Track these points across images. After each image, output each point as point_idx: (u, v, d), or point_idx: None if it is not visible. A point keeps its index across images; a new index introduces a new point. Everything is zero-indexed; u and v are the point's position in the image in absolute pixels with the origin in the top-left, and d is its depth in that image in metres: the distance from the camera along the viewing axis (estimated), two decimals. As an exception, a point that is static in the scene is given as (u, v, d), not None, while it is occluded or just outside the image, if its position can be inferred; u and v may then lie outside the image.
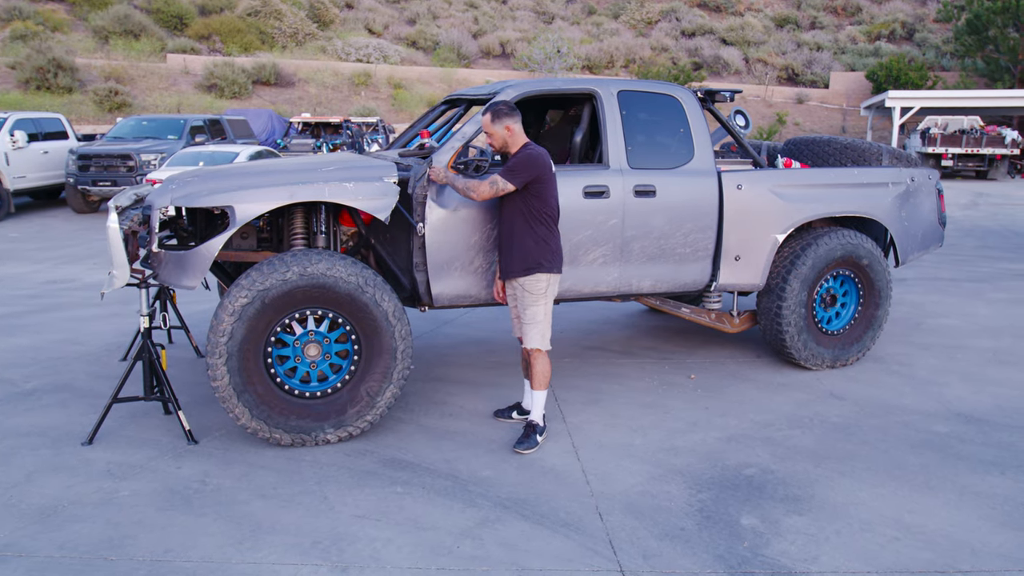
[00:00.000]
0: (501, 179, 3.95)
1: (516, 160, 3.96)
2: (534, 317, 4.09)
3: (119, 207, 4.19)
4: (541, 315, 4.10)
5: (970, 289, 8.22)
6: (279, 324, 4.01)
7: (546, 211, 4.01)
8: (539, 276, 4.04)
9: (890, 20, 41.12)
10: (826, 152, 6.06)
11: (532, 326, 4.11)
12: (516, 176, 3.94)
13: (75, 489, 3.64)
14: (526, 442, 4.12)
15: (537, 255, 4.01)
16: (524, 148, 4.01)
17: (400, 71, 33.07)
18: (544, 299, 4.08)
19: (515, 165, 3.95)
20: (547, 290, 4.08)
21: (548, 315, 4.13)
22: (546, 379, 4.19)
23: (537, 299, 4.07)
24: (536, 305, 4.08)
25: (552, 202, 4.04)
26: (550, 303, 4.13)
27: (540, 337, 4.12)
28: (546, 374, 4.18)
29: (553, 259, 4.06)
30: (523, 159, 3.95)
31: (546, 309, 4.11)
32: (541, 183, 3.97)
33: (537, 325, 4.10)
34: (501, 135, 4.02)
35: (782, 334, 5.27)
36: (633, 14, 42.22)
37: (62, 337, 6.23)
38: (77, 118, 23.96)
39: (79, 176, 13.99)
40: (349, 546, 3.17)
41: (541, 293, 4.06)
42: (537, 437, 4.16)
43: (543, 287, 4.06)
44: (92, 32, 30.99)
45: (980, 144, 23.80)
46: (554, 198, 4.05)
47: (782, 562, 3.08)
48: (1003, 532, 3.30)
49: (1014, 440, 4.26)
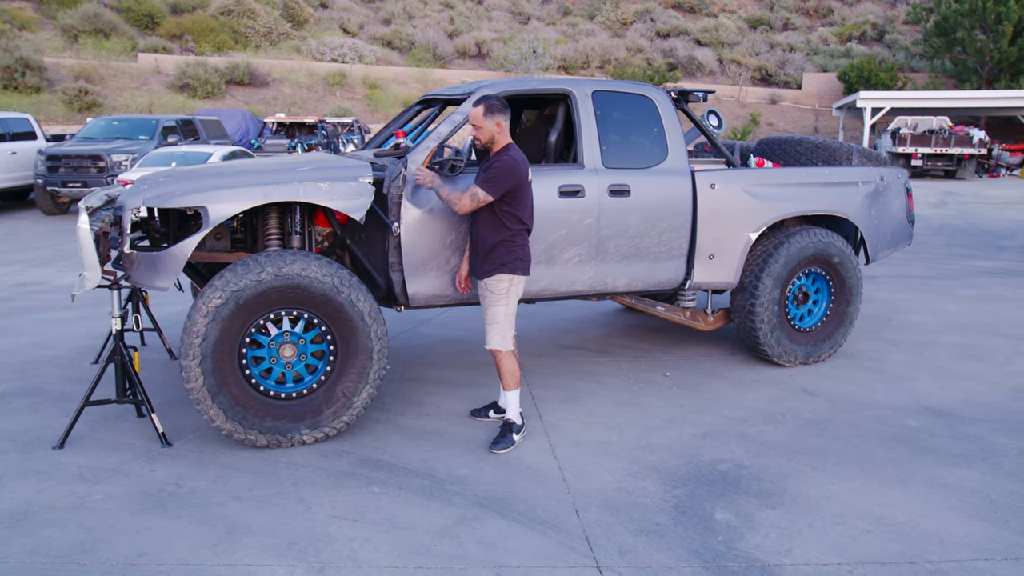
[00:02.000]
0: (481, 191, 3.91)
1: (496, 170, 3.92)
2: (494, 317, 4.08)
3: (90, 208, 4.14)
4: (501, 316, 4.08)
5: (939, 286, 8.37)
6: (254, 325, 3.99)
7: (518, 215, 4.01)
8: (501, 276, 4.03)
9: (861, 22, 41.71)
10: (798, 152, 6.14)
11: (492, 326, 4.10)
12: (495, 186, 3.91)
13: (46, 494, 3.59)
14: (502, 442, 4.13)
15: (503, 255, 4.01)
16: (506, 150, 3.98)
17: (375, 71, 32.93)
18: (505, 299, 4.06)
19: (495, 176, 3.91)
20: (509, 291, 4.06)
21: (509, 316, 4.11)
22: (514, 378, 4.18)
23: (498, 299, 4.06)
24: (497, 305, 4.07)
25: (526, 208, 4.03)
26: (512, 304, 4.11)
27: (500, 338, 4.11)
28: (513, 373, 4.18)
29: (517, 261, 4.04)
30: (503, 169, 3.92)
31: (507, 310, 4.08)
32: (517, 191, 3.97)
33: (497, 325, 4.09)
34: (490, 130, 3.98)
35: (755, 331, 5.33)
36: (608, 15, 42.42)
37: (32, 340, 6.14)
38: (46, 118, 23.57)
39: (48, 177, 13.77)
40: (326, 547, 3.16)
41: (503, 293, 4.05)
42: (514, 436, 4.16)
43: (505, 287, 4.04)
44: (61, 31, 30.50)
45: (949, 144, 24.23)
46: (528, 204, 4.05)
47: (756, 555, 3.12)
48: (970, 523, 3.37)
49: (981, 433, 4.36)
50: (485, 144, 4.05)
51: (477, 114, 4.00)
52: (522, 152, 4.05)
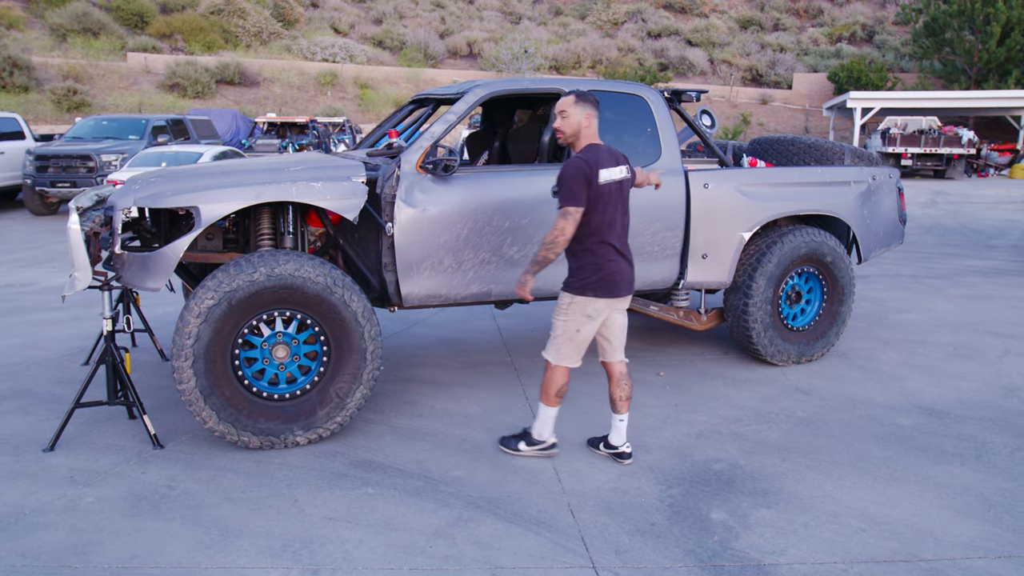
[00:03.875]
0: (559, 212, 3.57)
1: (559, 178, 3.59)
2: (553, 329, 3.82)
3: (80, 208, 4.11)
4: (560, 330, 3.78)
5: (930, 285, 8.41)
6: (246, 326, 3.96)
7: (586, 221, 3.61)
8: (563, 294, 3.77)
9: (851, 22, 41.92)
10: (790, 151, 6.16)
11: (551, 338, 3.84)
12: (569, 195, 3.54)
13: (37, 496, 3.55)
14: (511, 442, 4.05)
15: (571, 271, 3.74)
16: (587, 150, 3.63)
17: (366, 71, 32.86)
18: (565, 315, 3.74)
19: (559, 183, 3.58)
20: (570, 308, 3.73)
21: (568, 333, 3.75)
22: (548, 393, 3.87)
23: (559, 312, 3.79)
24: (556, 318, 3.79)
25: (598, 214, 3.61)
26: (573, 322, 3.73)
27: (554, 350, 3.82)
28: (554, 390, 3.86)
29: (586, 281, 3.67)
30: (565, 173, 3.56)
31: (566, 327, 3.75)
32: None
33: (554, 339, 3.81)
34: (578, 121, 3.63)
35: (749, 331, 5.34)
36: (599, 15, 42.48)
37: (21, 342, 6.09)
38: (34, 118, 23.42)
39: (37, 177, 13.67)
40: (320, 548, 3.14)
41: (563, 308, 3.76)
42: (520, 445, 4.01)
43: (566, 303, 3.75)
44: (49, 30, 30.29)
45: (938, 144, 24.38)
46: (602, 211, 3.62)
47: (751, 555, 3.12)
48: (963, 521, 3.38)
49: (973, 432, 4.38)
50: (568, 139, 3.70)
51: (568, 102, 3.64)
52: (605, 152, 3.67)
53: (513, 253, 4.58)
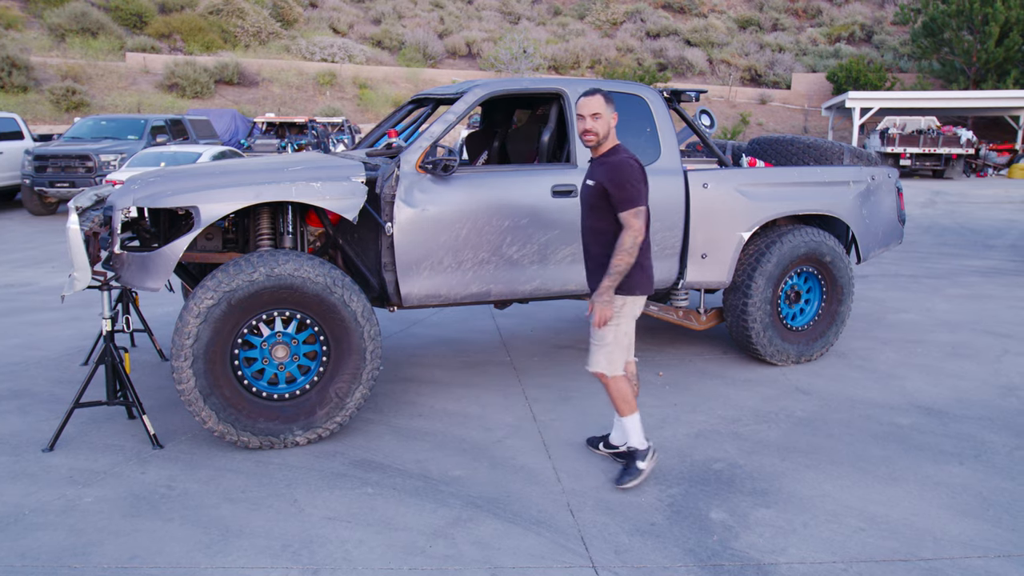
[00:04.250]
0: (631, 209, 3.46)
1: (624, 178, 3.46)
2: (601, 338, 3.63)
3: (80, 208, 4.11)
4: (610, 337, 3.62)
5: (929, 285, 8.42)
6: (246, 326, 3.96)
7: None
8: (615, 297, 3.60)
9: (849, 22, 41.95)
10: (789, 151, 6.16)
11: (598, 348, 3.65)
12: (640, 195, 3.48)
13: (36, 496, 3.55)
14: (627, 475, 3.69)
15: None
16: (618, 151, 3.57)
17: (365, 71, 32.85)
18: (616, 320, 3.61)
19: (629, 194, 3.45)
20: (622, 310, 3.62)
21: (619, 338, 3.65)
22: (626, 403, 3.70)
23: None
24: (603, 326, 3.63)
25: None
26: (624, 324, 3.65)
27: (606, 361, 3.65)
28: (626, 398, 3.70)
29: (636, 279, 3.59)
30: (630, 174, 3.47)
31: (617, 332, 3.63)
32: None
33: (604, 347, 3.64)
34: (609, 122, 3.53)
35: (748, 330, 5.35)
36: (598, 15, 42.48)
37: (20, 342, 6.08)
38: (33, 118, 23.40)
39: (36, 177, 13.66)
40: (320, 548, 3.14)
41: (614, 313, 3.63)
42: (638, 464, 3.71)
43: (617, 307, 3.61)
44: (48, 30, 30.27)
45: (937, 144, 24.40)
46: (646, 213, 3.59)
47: (751, 554, 3.12)
48: (963, 520, 3.38)
49: (972, 431, 4.38)
50: (599, 140, 3.56)
51: (599, 103, 3.50)
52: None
53: (512, 253, 4.58)
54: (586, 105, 3.54)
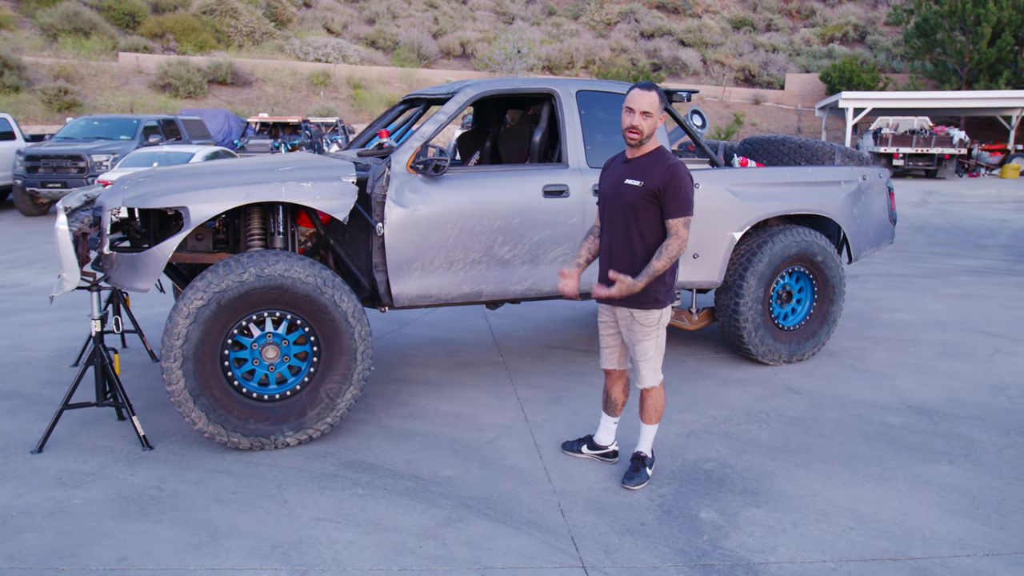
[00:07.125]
0: (682, 218, 3.41)
1: (678, 182, 3.37)
2: (645, 353, 3.60)
3: (68, 208, 4.09)
4: (652, 350, 3.61)
5: (920, 285, 8.44)
6: (236, 326, 3.95)
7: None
8: (650, 312, 3.55)
9: (843, 23, 42.08)
10: (781, 151, 6.17)
11: (644, 363, 3.62)
12: (692, 208, 3.43)
13: (24, 498, 3.53)
14: (636, 477, 3.69)
15: (656, 285, 3.49)
16: (669, 156, 3.48)
17: (359, 71, 32.82)
18: (656, 331, 3.59)
19: (684, 203, 3.39)
20: (660, 320, 3.59)
21: (661, 347, 3.64)
22: (658, 412, 3.72)
23: (648, 332, 3.58)
24: (647, 339, 3.59)
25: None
26: (663, 333, 3.65)
27: (652, 373, 3.64)
28: (659, 408, 3.72)
29: (670, 291, 3.57)
30: (685, 180, 3.39)
31: (658, 342, 3.61)
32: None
33: (649, 361, 3.62)
34: (655, 123, 3.41)
35: (740, 330, 5.35)
36: (592, 15, 42.52)
37: (9, 343, 6.05)
38: (25, 118, 23.31)
39: (27, 178, 13.59)
40: (310, 549, 3.13)
41: (653, 325, 3.57)
42: (647, 470, 3.75)
43: (655, 318, 3.57)
44: (40, 30, 30.16)
45: (929, 144, 24.49)
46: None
47: (741, 554, 3.12)
48: (952, 519, 3.39)
49: (962, 430, 4.39)
50: (643, 139, 3.43)
51: (653, 100, 3.35)
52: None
53: (504, 253, 4.58)
54: (638, 99, 3.36)
